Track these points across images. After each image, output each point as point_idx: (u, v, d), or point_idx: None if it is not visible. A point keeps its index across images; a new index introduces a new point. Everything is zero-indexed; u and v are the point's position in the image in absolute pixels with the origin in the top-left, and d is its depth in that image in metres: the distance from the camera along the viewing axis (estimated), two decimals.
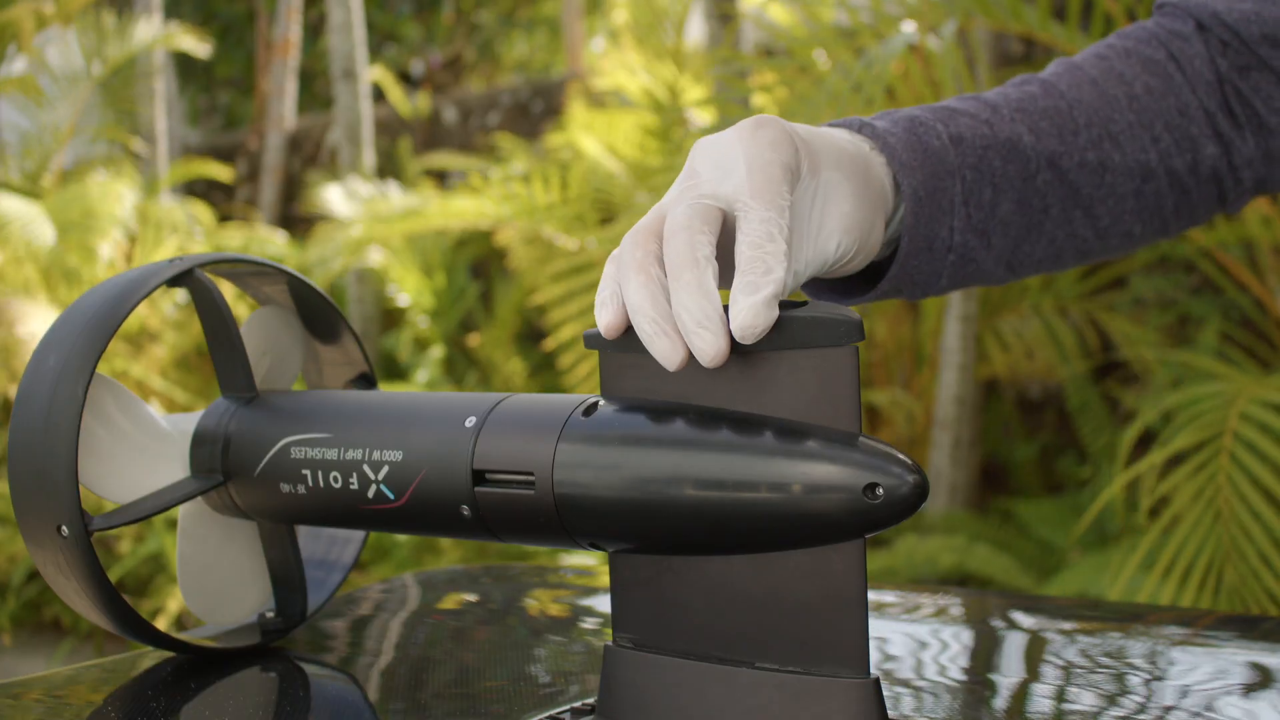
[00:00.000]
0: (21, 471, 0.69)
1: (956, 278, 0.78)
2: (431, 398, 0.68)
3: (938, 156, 0.74)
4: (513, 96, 5.99)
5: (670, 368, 0.56)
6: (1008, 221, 0.78)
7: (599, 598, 0.99)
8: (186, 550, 0.77)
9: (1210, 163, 0.83)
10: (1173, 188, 0.83)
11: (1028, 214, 0.78)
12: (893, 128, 0.73)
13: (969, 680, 0.75)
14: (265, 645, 0.79)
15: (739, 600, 0.58)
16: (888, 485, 0.53)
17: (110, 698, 0.74)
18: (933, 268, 0.76)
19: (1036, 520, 3.27)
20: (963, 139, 0.75)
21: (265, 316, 0.81)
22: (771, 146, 0.60)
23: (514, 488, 0.62)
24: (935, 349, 3.54)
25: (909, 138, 0.73)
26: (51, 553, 0.70)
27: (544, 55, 9.45)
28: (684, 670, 0.59)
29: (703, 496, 0.56)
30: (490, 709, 0.69)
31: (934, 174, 0.73)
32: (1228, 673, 0.75)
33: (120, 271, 0.91)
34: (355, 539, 0.85)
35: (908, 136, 0.73)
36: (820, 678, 0.56)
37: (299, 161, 6.64)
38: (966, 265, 0.77)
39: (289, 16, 6.53)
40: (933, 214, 0.73)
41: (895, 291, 0.77)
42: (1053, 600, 0.99)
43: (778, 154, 0.60)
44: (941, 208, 0.74)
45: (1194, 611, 1.03)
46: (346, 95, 5.30)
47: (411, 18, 8.94)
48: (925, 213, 0.73)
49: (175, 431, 0.76)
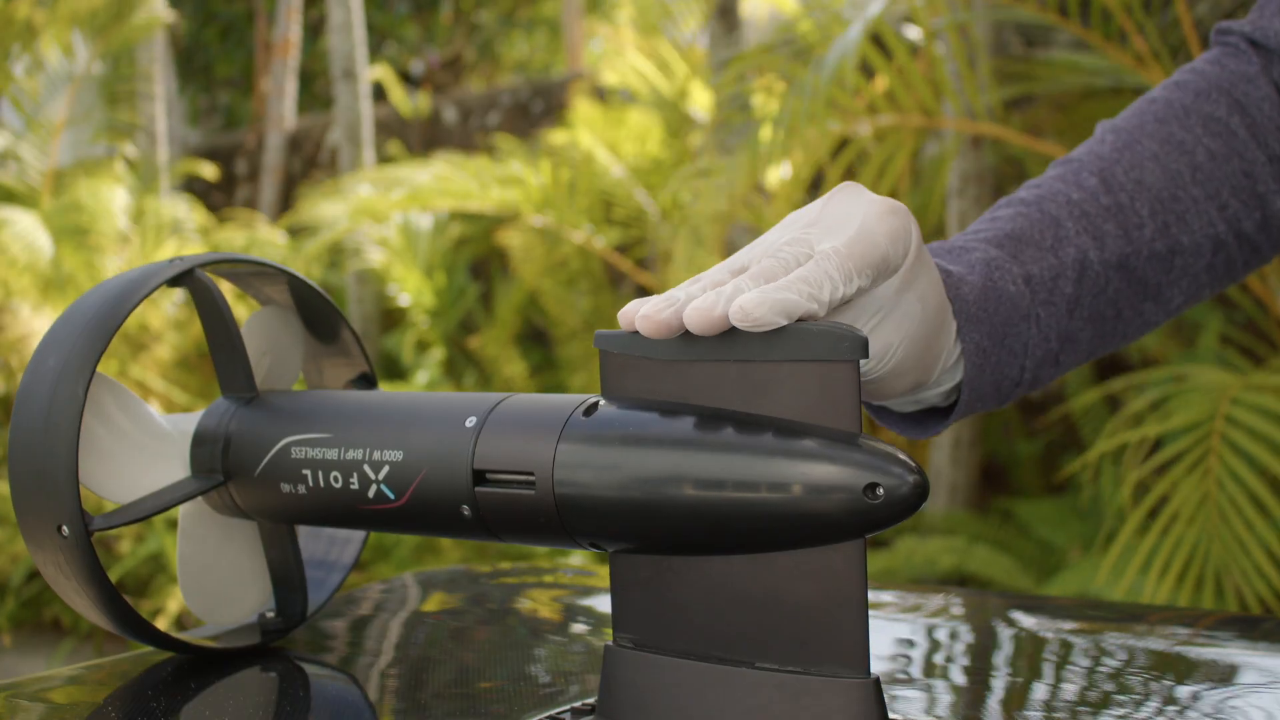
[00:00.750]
0: (21, 471, 0.69)
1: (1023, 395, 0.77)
2: (432, 398, 0.68)
3: (1011, 303, 0.71)
4: (513, 96, 5.99)
5: None
6: (1078, 339, 0.75)
7: (599, 598, 0.99)
8: (186, 550, 0.77)
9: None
10: (1243, 249, 0.80)
11: (1099, 324, 0.76)
12: (968, 273, 0.71)
13: (969, 680, 0.75)
14: (265, 645, 0.79)
15: (739, 600, 0.58)
16: (888, 485, 0.53)
17: (110, 698, 0.74)
18: (999, 399, 0.74)
19: (1036, 520, 3.27)
20: (1032, 277, 0.73)
21: (265, 316, 0.81)
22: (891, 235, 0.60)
23: (514, 488, 0.62)
24: None
25: (984, 287, 0.71)
26: (51, 553, 0.70)
27: (544, 55, 9.45)
28: (684, 670, 0.59)
29: (703, 496, 0.56)
30: (490, 709, 0.69)
31: (1007, 321, 0.71)
32: (1228, 673, 0.75)
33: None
34: (355, 539, 0.85)
35: (984, 284, 0.71)
36: (820, 678, 0.56)
37: (299, 161, 6.64)
38: (1035, 386, 0.76)
39: (289, 16, 6.53)
40: (1001, 358, 0.72)
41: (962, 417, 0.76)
42: (1053, 600, 0.99)
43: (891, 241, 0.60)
44: (1013, 352, 0.72)
45: (1194, 611, 1.03)
46: (346, 95, 5.30)
47: (411, 18, 8.94)
48: (990, 363, 0.71)
49: (175, 431, 0.77)
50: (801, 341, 0.55)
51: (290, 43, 6.60)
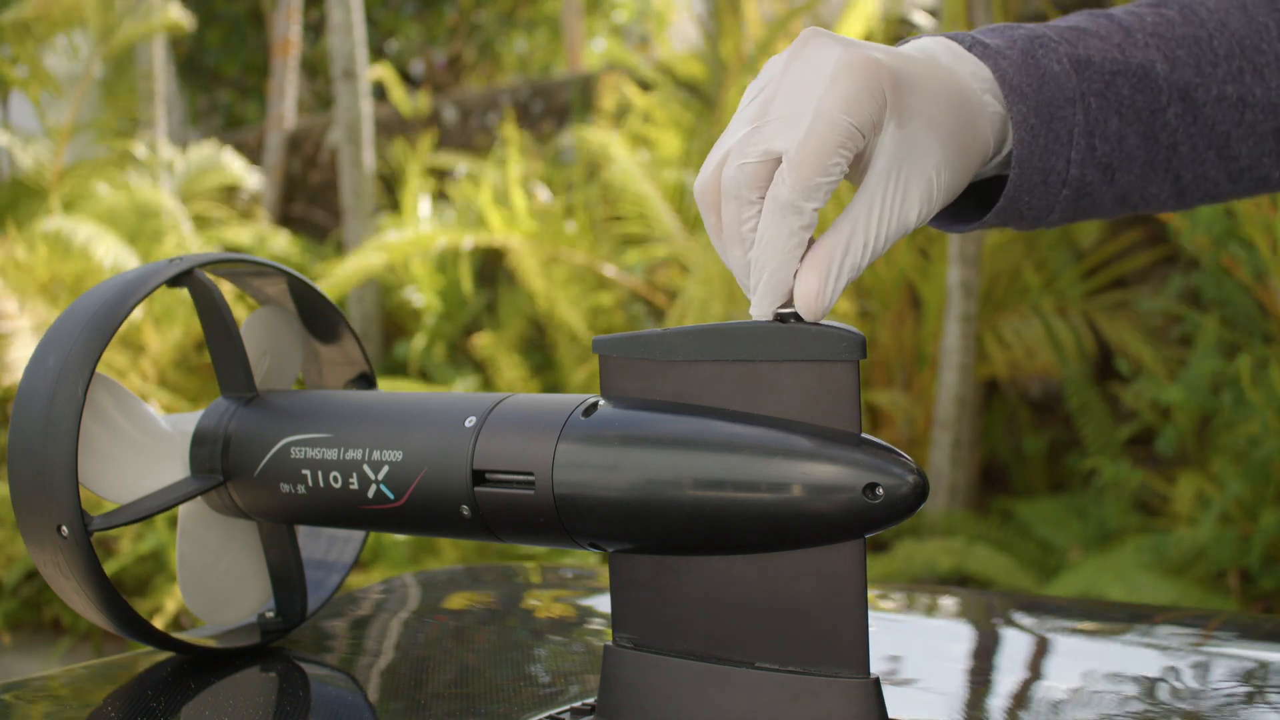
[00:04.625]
0: (21, 471, 0.69)
1: (1069, 212, 0.72)
2: (431, 398, 0.68)
3: (1056, 82, 0.68)
4: (513, 96, 5.99)
5: None
6: (1132, 156, 0.71)
7: (599, 598, 0.99)
8: (186, 550, 0.77)
9: None
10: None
11: (1154, 150, 0.72)
12: (1008, 47, 0.67)
13: (969, 680, 0.75)
14: (265, 645, 0.79)
15: (739, 600, 0.58)
16: (888, 485, 0.53)
17: (110, 698, 0.74)
18: (1045, 201, 0.70)
19: (1037, 520, 3.27)
20: (1090, 63, 0.69)
21: (265, 316, 0.81)
22: (847, 105, 0.57)
23: (514, 488, 0.62)
24: (936, 349, 3.54)
25: (1025, 60, 0.67)
26: (51, 553, 0.70)
27: (544, 55, 9.45)
28: (684, 670, 0.59)
29: (703, 496, 0.56)
30: (490, 709, 0.69)
31: (1051, 101, 0.68)
32: (1229, 673, 0.75)
33: None
34: (355, 539, 0.85)
35: (1024, 59, 0.67)
36: (820, 678, 0.56)
37: (299, 161, 6.64)
38: (1081, 200, 0.71)
39: (289, 16, 6.53)
40: (1048, 145, 0.68)
41: (1002, 223, 0.72)
42: (1053, 600, 0.99)
43: (849, 113, 0.57)
44: (1059, 138, 0.68)
45: (1195, 611, 1.03)
46: (346, 95, 5.30)
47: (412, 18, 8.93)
48: (1039, 144, 0.67)
49: (175, 431, 0.76)
50: (801, 342, 0.55)
51: (290, 42, 6.59)
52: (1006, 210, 0.70)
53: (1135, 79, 0.71)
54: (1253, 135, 0.74)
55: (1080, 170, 0.70)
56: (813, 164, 0.57)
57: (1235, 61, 0.73)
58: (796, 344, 0.55)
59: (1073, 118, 0.69)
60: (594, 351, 0.61)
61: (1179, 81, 0.72)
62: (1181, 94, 0.72)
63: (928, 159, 0.61)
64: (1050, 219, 0.72)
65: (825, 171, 0.57)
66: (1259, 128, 0.74)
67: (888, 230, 0.60)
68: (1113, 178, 0.71)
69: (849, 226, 0.58)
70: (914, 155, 0.60)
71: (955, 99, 0.63)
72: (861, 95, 0.58)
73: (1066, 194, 0.70)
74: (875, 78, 0.59)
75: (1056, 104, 0.68)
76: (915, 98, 0.61)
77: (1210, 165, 0.74)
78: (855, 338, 0.54)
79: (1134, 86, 0.71)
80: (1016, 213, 0.70)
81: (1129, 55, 0.71)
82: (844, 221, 0.59)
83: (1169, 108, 0.72)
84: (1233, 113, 0.73)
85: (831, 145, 0.57)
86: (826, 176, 0.57)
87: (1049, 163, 0.68)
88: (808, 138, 0.57)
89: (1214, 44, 0.73)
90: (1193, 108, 0.72)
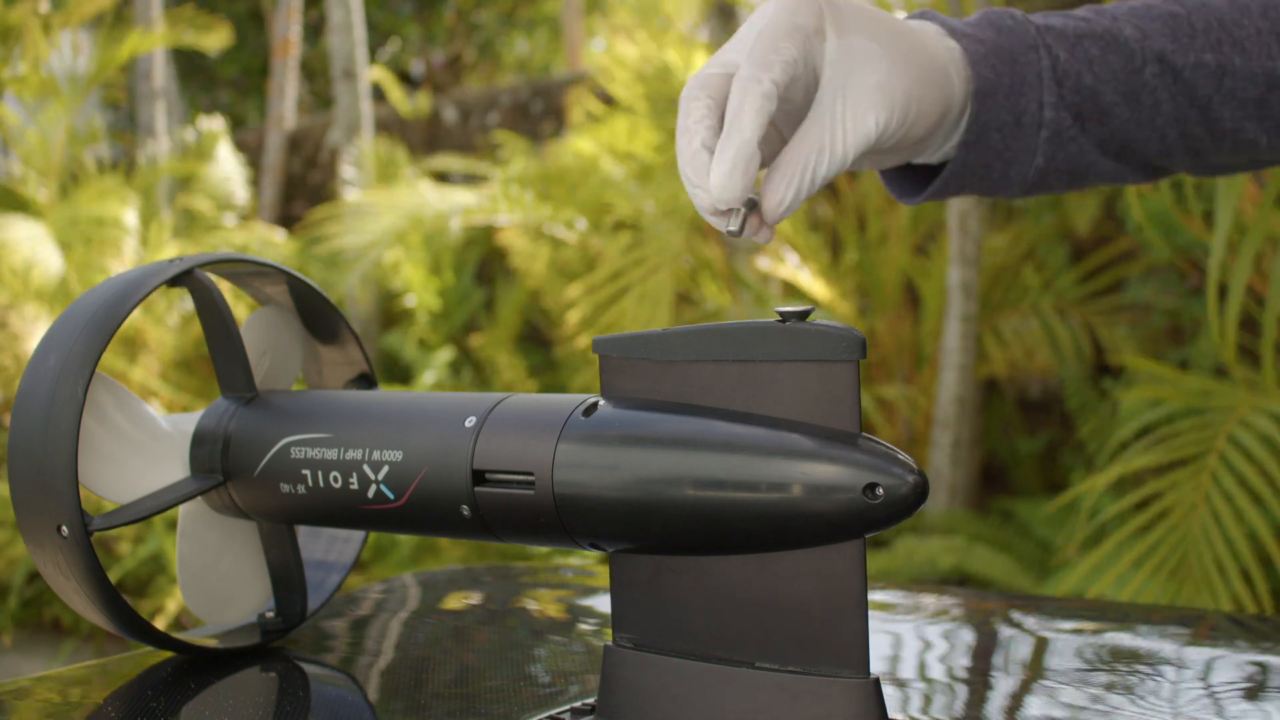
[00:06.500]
0: (21, 471, 0.69)
1: (1056, 160, 0.74)
2: (431, 398, 0.68)
3: (1014, 33, 0.72)
4: (513, 96, 5.99)
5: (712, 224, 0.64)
6: (1110, 111, 0.74)
7: (599, 598, 0.99)
8: (186, 550, 0.77)
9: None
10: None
11: (1135, 108, 0.74)
12: (962, 18, 0.72)
13: (969, 680, 0.75)
14: (265, 645, 0.79)
15: (739, 600, 0.58)
16: (888, 485, 0.53)
17: (110, 698, 0.74)
18: (1024, 143, 0.72)
19: (1036, 520, 3.27)
20: (1051, 27, 0.73)
21: (265, 316, 0.81)
22: (788, 10, 0.63)
23: (514, 488, 0.62)
24: (935, 349, 3.54)
25: (981, 19, 0.72)
26: (51, 553, 0.70)
27: (544, 55, 9.45)
28: (684, 670, 0.59)
29: (703, 496, 0.56)
30: (490, 709, 0.69)
31: (1009, 47, 0.71)
32: (1228, 673, 0.75)
33: None
34: (355, 539, 0.85)
35: (980, 19, 0.72)
36: (820, 678, 0.56)
37: (299, 161, 6.64)
38: (1066, 145, 0.74)
39: (289, 16, 6.53)
40: (1013, 85, 0.71)
41: (982, 171, 0.73)
42: (1053, 600, 0.99)
43: (791, 16, 0.63)
44: (1026, 81, 0.71)
45: (1194, 611, 1.03)
46: (346, 95, 5.30)
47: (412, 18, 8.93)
48: (1004, 82, 0.71)
49: (175, 431, 0.76)
50: (801, 341, 0.55)
51: (290, 42, 6.59)
52: (979, 147, 0.72)
53: (1103, 42, 0.73)
54: (1234, 100, 0.76)
55: (1056, 113, 0.72)
56: (763, 46, 0.62)
57: (1214, 34, 0.75)
58: (796, 344, 0.55)
59: (1038, 62, 0.72)
60: (594, 352, 0.61)
61: (1153, 48, 0.74)
62: (1158, 57, 0.74)
63: (877, 67, 0.65)
64: (1036, 163, 0.74)
65: (776, 50, 0.62)
66: (1240, 94, 0.76)
67: (845, 137, 0.63)
68: (1091, 129, 0.74)
69: (807, 136, 0.63)
70: (861, 63, 0.64)
71: (899, 28, 0.67)
72: (800, 4, 0.64)
73: (1047, 135, 0.73)
74: None
75: (1017, 50, 0.71)
76: (854, 17, 0.65)
77: (1194, 124, 0.76)
78: (855, 337, 0.54)
79: (1103, 47, 0.73)
80: (994, 153, 0.72)
81: (1095, 24, 0.74)
82: (802, 132, 0.63)
83: (1145, 68, 0.74)
84: (1212, 79, 0.75)
85: (777, 35, 0.62)
86: (779, 54, 0.62)
87: (1018, 103, 0.71)
88: (757, 38, 0.63)
89: (1192, 19, 0.75)
90: (1171, 70, 0.74)
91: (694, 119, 0.63)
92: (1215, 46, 0.75)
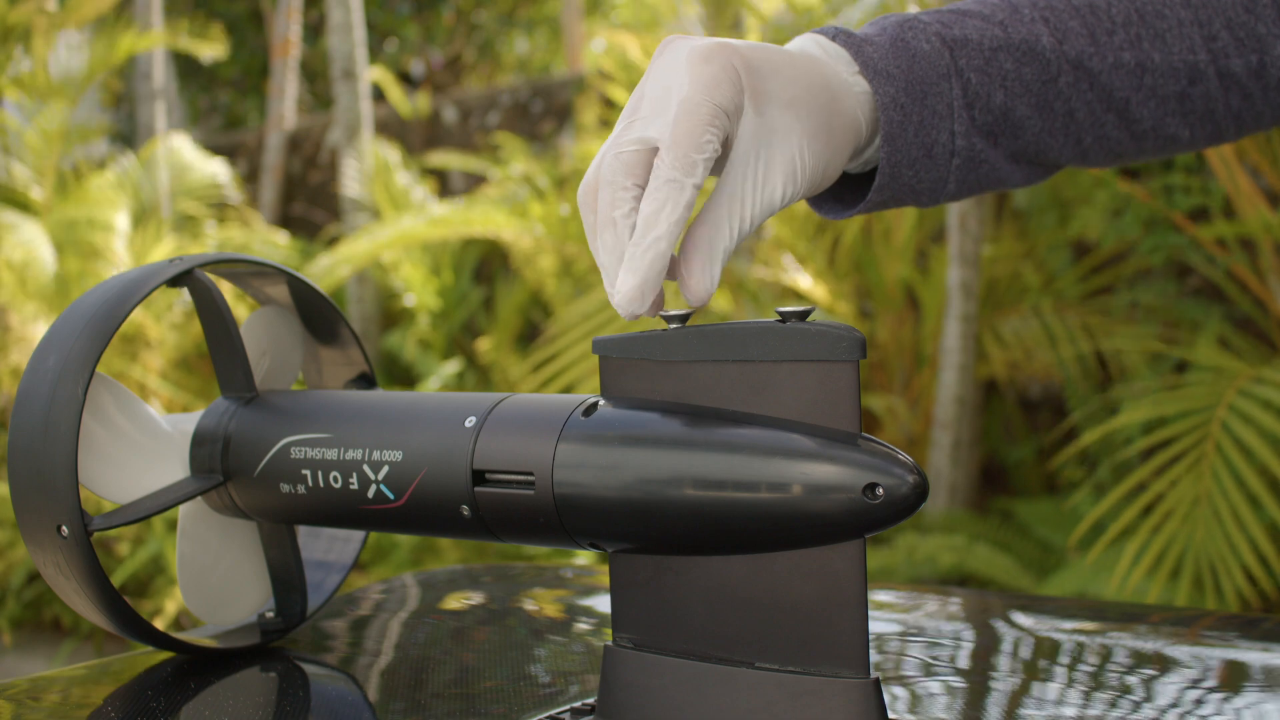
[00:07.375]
0: (21, 471, 0.69)
1: (968, 181, 0.74)
2: (431, 398, 0.68)
3: (928, 60, 0.70)
4: (513, 96, 5.99)
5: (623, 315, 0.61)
6: (1022, 125, 0.73)
7: (599, 598, 0.99)
8: (186, 550, 0.77)
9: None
10: (1229, 91, 0.76)
11: (1049, 117, 0.74)
12: (878, 35, 0.70)
13: (969, 680, 0.75)
14: (265, 645, 0.79)
15: (739, 600, 0.58)
16: (888, 485, 0.53)
17: (110, 698, 0.74)
18: (935, 174, 0.72)
19: (1036, 520, 3.27)
20: (967, 41, 0.72)
21: (265, 316, 0.81)
22: (708, 88, 0.61)
23: (514, 488, 0.62)
24: (935, 349, 3.54)
25: (893, 45, 0.70)
26: (51, 553, 0.70)
27: (544, 55, 9.45)
28: (684, 670, 0.59)
29: (702, 497, 0.56)
30: (490, 709, 0.69)
31: (923, 79, 0.70)
32: (1228, 673, 0.75)
33: None
34: (355, 539, 0.85)
35: (892, 44, 0.70)
36: (820, 678, 0.56)
37: (299, 161, 6.64)
38: (978, 167, 0.74)
39: (289, 16, 6.53)
40: (923, 120, 0.70)
41: (897, 201, 0.74)
42: (1053, 600, 0.99)
43: (711, 96, 0.61)
44: (937, 113, 0.71)
45: (1193, 611, 1.03)
46: (346, 95, 5.30)
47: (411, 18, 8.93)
48: (912, 120, 0.70)
49: (175, 431, 0.76)
50: (801, 341, 0.55)
51: (290, 42, 6.60)
52: (892, 185, 0.72)
53: (1019, 53, 0.73)
54: (1154, 98, 0.76)
55: (968, 141, 0.72)
56: (687, 142, 0.60)
57: (1133, 29, 0.75)
58: (796, 344, 0.55)
59: (949, 93, 0.71)
60: (594, 352, 0.61)
61: (1070, 53, 0.74)
62: (1074, 64, 0.74)
63: (789, 139, 0.64)
64: (947, 189, 0.74)
65: (700, 148, 0.60)
66: (1160, 91, 0.75)
67: (753, 211, 0.62)
68: (997, 143, 0.74)
69: (714, 212, 0.62)
70: (774, 136, 0.63)
71: (816, 82, 0.66)
72: (719, 76, 0.61)
73: (958, 163, 0.73)
74: (728, 62, 0.62)
75: (930, 80, 0.71)
76: (771, 81, 0.64)
77: (1111, 127, 0.76)
78: (855, 337, 0.54)
79: (1019, 60, 0.73)
80: (906, 187, 0.73)
81: (1012, 32, 0.73)
82: (709, 208, 0.62)
83: (1060, 77, 0.74)
84: (1131, 79, 0.75)
85: (700, 124, 0.60)
86: (701, 153, 0.60)
87: (929, 136, 0.71)
88: (677, 121, 0.60)
89: (1111, 12, 0.75)
90: (1088, 75, 0.74)
91: (621, 213, 0.61)
92: (1134, 43, 0.75)
